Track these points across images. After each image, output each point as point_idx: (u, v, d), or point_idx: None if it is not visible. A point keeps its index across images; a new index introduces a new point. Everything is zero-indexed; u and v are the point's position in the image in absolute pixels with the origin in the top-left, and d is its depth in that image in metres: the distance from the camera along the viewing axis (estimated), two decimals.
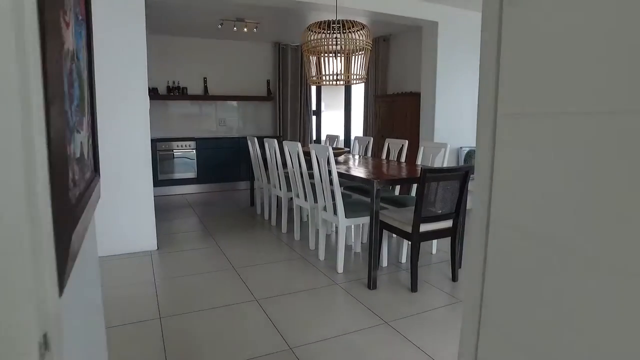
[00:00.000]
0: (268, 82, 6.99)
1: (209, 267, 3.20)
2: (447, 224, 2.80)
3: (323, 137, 7.71)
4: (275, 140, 3.97)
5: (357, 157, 4.29)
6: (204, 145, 6.19)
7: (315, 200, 3.49)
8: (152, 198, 3.54)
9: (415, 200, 3.24)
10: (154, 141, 5.71)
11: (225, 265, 3.22)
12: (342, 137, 7.61)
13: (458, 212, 2.79)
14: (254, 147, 4.64)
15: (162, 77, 6.26)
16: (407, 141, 3.90)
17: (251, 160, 4.91)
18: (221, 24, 5.27)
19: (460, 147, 4.89)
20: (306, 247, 3.67)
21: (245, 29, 5.43)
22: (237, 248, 3.64)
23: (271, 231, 4.19)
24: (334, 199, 2.98)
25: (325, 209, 3.22)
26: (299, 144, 3.40)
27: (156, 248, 3.64)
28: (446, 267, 3.16)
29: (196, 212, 5.03)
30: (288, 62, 6.94)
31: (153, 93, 6.11)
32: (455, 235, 2.84)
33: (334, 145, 5.00)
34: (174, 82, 6.32)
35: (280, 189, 4.09)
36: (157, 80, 6.22)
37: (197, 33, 6.08)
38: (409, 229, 2.67)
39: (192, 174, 6.20)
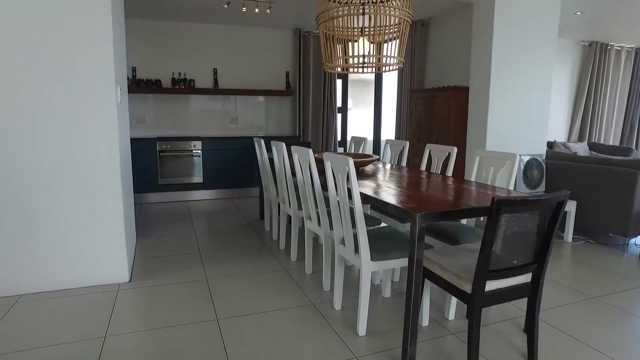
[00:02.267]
0: (287, 74, 6.14)
1: (185, 315, 2.37)
2: (525, 278, 1.87)
3: (349, 139, 6.81)
4: (284, 145, 3.11)
5: (388, 167, 3.37)
6: (212, 146, 5.42)
7: (332, 227, 2.62)
8: (122, 217, 2.75)
9: (475, 236, 2.32)
10: (154, 140, 4.98)
11: (207, 314, 2.38)
12: (370, 139, 6.70)
13: (541, 261, 1.85)
14: (261, 151, 3.81)
15: (166, 67, 5.52)
16: (455, 148, 2.96)
17: (259, 167, 4.08)
18: (227, 3, 4.45)
19: (519, 155, 3.89)
20: (319, 286, 2.80)
21: (256, 9, 4.60)
22: (230, 284, 2.81)
23: (278, 258, 3.34)
24: (354, 225, 2.10)
25: (343, 242, 2.34)
26: (310, 151, 2.53)
27: (128, 279, 2.85)
28: (512, 332, 2.22)
29: (194, 226, 4.24)
30: (310, 51, 6.08)
31: (155, 86, 5.38)
32: (535, 295, 1.90)
33: (361, 150, 4.10)
34: (179, 74, 5.57)
35: (290, 206, 3.24)
36: (160, 71, 5.48)
37: (204, 17, 5.30)
38: (467, 287, 1.75)
39: (197, 179, 5.44)
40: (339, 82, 6.49)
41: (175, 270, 3.05)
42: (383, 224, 2.80)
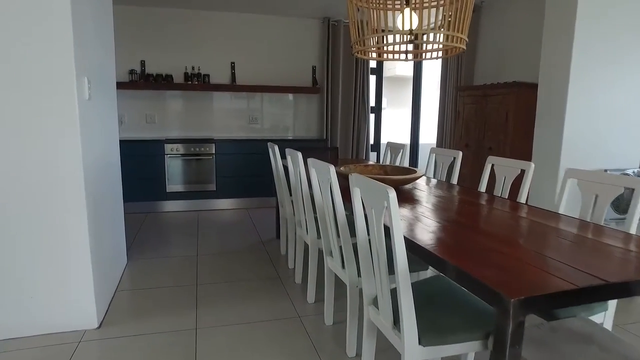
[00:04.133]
0: (314, 69, 5.44)
1: None
2: None
3: (384, 143, 6.04)
4: (299, 155, 2.40)
5: (437, 186, 2.61)
6: (227, 149, 4.79)
7: (359, 273, 1.91)
8: (88, 246, 2.12)
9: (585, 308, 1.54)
10: (162, 142, 4.40)
11: None
12: (404, 143, 5.92)
13: None
14: (275, 159, 3.12)
15: (178, 61, 4.93)
16: (532, 165, 2.17)
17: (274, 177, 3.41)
18: None
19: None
20: (341, 347, 2.08)
21: None
22: (223, 339, 2.13)
23: (291, 297, 2.64)
24: (392, 267, 1.37)
25: (375, 303, 1.61)
26: (332, 170, 1.81)
27: (96, 325, 2.22)
28: None
29: (199, 244, 3.60)
30: (340, 43, 5.35)
31: (166, 81, 4.80)
32: None
33: (399, 160, 3.35)
34: (193, 68, 4.97)
35: (307, 232, 2.54)
36: (171, 65, 4.90)
37: (221, 4, 4.67)
38: None
39: (209, 186, 4.82)
40: (372, 79, 5.74)
41: (160, 312, 2.40)
42: (431, 270, 2.04)
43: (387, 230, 1.42)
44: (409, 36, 1.74)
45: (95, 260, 2.21)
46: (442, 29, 1.75)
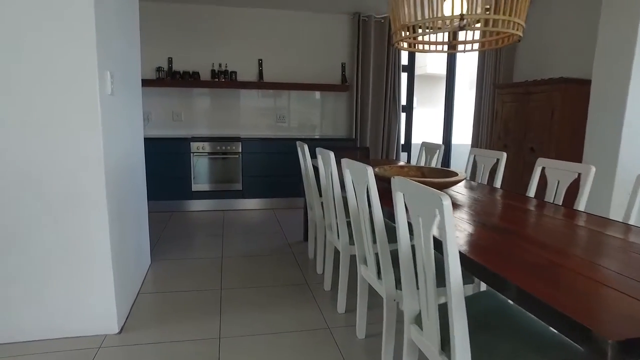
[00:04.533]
0: (343, 66, 5.27)
1: None
2: None
3: (415, 144, 5.82)
4: (332, 155, 2.24)
5: (481, 190, 2.40)
6: (254, 148, 4.67)
7: (398, 285, 1.74)
8: (109, 248, 2.02)
9: None
10: (188, 140, 4.32)
11: None
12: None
13: None
14: (304, 158, 2.97)
15: (205, 58, 4.85)
16: (592, 169, 1.94)
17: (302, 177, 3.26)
18: None
19: None
20: None
21: None
22: (247, 349, 2.00)
23: (320, 305, 2.48)
24: (440, 278, 1.20)
25: (418, 322, 1.43)
26: (370, 172, 1.64)
27: (117, 330, 2.13)
28: None
29: (224, 246, 3.49)
30: (371, 39, 5.16)
31: (193, 79, 4.72)
32: None
33: (435, 161, 3.15)
34: (220, 65, 4.88)
35: (339, 237, 2.37)
36: (199, 62, 4.83)
37: (249, 0, 4.57)
38: None
39: (236, 185, 4.72)
40: (403, 76, 5.52)
41: (183, 318, 2.29)
42: (480, 284, 1.85)
43: (434, 241, 1.24)
44: (458, 22, 1.55)
45: (117, 263, 2.11)
46: (496, 14, 1.54)
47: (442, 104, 6.04)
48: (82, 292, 2.03)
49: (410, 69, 5.67)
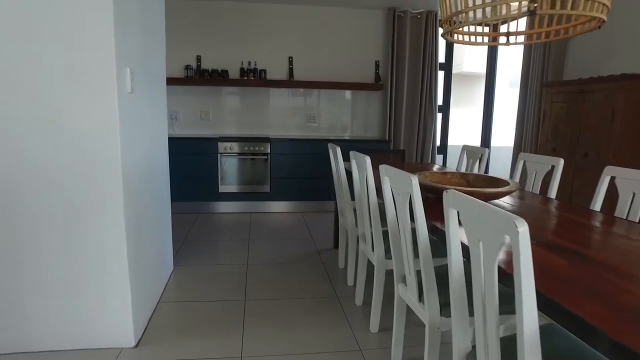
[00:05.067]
0: (376, 64, 5.04)
1: None
2: None
3: (451, 146, 5.52)
4: (368, 160, 2.03)
5: (532, 201, 2.13)
6: (283, 149, 4.51)
7: (444, 311, 1.52)
8: (126, 256, 1.88)
9: None
10: (215, 140, 4.20)
11: None
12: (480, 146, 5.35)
13: None
14: (336, 162, 2.77)
15: (235, 56, 4.72)
16: None
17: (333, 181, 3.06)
18: None
19: None
20: None
21: None
22: None
23: (351, 324, 2.27)
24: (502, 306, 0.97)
25: (473, 357, 1.21)
26: (415, 182, 1.42)
27: (133, 344, 1.98)
28: None
29: (250, 251, 3.33)
30: (406, 36, 4.91)
31: (222, 77, 4.60)
32: None
33: (478, 167, 2.88)
34: (249, 63, 4.74)
35: (373, 250, 2.15)
36: (228, 60, 4.70)
37: None
38: None
39: (263, 187, 4.57)
40: (440, 75, 5.23)
41: (204, 332, 2.13)
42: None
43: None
44: (527, 6, 1.30)
45: (135, 270, 1.97)
46: None
47: (478, 104, 5.71)
48: (96, 302, 1.90)
49: (447, 66, 5.37)
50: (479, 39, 2.00)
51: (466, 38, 1.91)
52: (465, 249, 1.17)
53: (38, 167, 1.74)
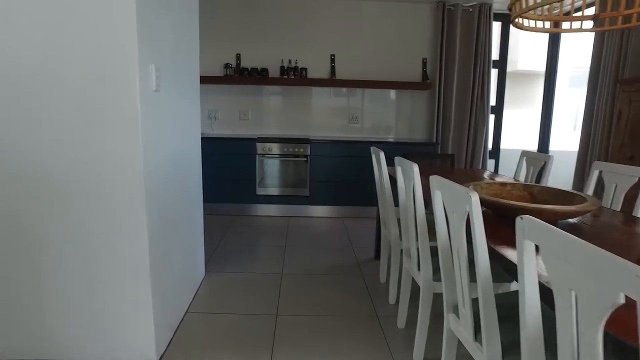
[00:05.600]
0: (424, 62, 4.73)
1: None
2: None
3: (504, 149, 5.11)
4: (415, 168, 1.78)
5: (616, 222, 1.79)
6: (323, 151, 4.31)
7: (507, 356, 1.25)
8: (148, 266, 1.74)
9: None
10: (254, 140, 4.08)
11: None
12: (530, 152, 4.93)
13: None
14: (379, 167, 2.53)
15: (275, 54, 4.57)
16: None
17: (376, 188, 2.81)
18: None
19: None
20: None
21: None
22: None
23: (392, 351, 2.02)
24: None
25: None
26: (475, 199, 1.16)
27: (155, 359, 1.85)
28: None
29: (285, 259, 3.15)
30: (457, 31, 4.57)
31: (261, 76, 4.47)
32: None
33: (543, 177, 2.54)
34: (290, 62, 4.58)
35: (420, 269, 1.90)
36: (268, 58, 4.57)
37: None
38: None
39: (302, 191, 4.39)
40: (493, 73, 4.84)
41: (230, 350, 1.96)
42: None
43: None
44: None
45: (158, 280, 1.83)
46: None
47: (534, 104, 5.25)
48: (115, 314, 1.78)
49: (501, 64, 4.97)
50: (547, 24, 1.70)
51: (532, 24, 1.62)
52: (544, 287, 0.91)
53: (54, 169, 1.64)
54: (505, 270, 1.26)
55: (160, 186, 1.85)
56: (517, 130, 6.31)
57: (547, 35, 4.63)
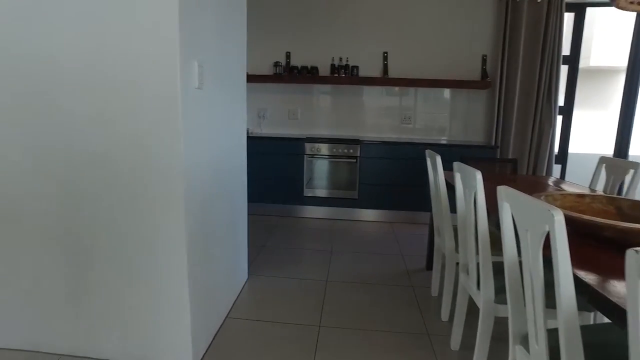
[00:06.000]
0: (484, 58, 4.42)
1: None
2: None
3: (572, 154, 4.67)
4: (478, 176, 1.57)
5: None
6: (374, 152, 4.14)
7: None
8: (186, 270, 1.67)
9: None
10: (302, 140, 3.99)
11: None
12: (606, 156, 4.45)
13: None
14: (435, 173, 2.33)
15: (325, 52, 4.46)
16: None
17: (430, 195, 2.61)
18: None
19: None
20: None
21: None
22: None
23: None
24: None
25: None
26: (558, 216, 0.96)
27: None
28: None
29: (331, 265, 3.02)
30: (522, 25, 4.22)
31: (311, 74, 4.37)
32: None
33: (626, 189, 2.22)
34: (340, 60, 4.44)
35: (480, 289, 1.69)
36: (318, 56, 4.46)
37: None
38: None
39: (351, 193, 4.24)
40: (563, 70, 4.43)
41: (268, 359, 1.85)
42: None
43: None
44: None
45: (197, 284, 1.76)
46: None
47: (609, 104, 4.75)
48: (154, 315, 1.72)
49: (573, 60, 4.54)
50: None
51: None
52: None
53: (96, 174, 1.60)
54: (590, 302, 1.05)
55: (201, 188, 1.78)
56: (589, 133, 5.78)
57: (631, 27, 4.16)
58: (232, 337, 2.06)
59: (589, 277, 1.06)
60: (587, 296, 1.05)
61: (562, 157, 4.66)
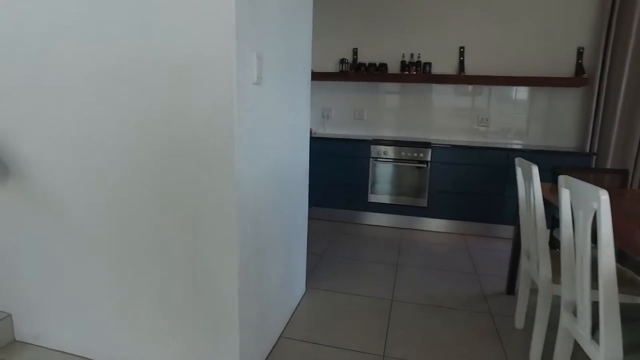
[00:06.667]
0: (580, 52, 3.86)
1: None
2: None
3: None
4: (604, 196, 1.20)
5: None
6: (446, 157, 3.76)
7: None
8: (236, 285, 1.47)
9: None
10: (368, 142, 3.73)
11: None
12: None
13: None
14: (529, 184, 1.96)
15: (395, 47, 4.15)
16: None
17: (518, 207, 2.23)
18: None
19: None
20: None
21: None
22: None
23: None
24: None
25: None
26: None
27: None
28: None
29: (396, 281, 2.72)
30: (635, 12, 3.61)
31: (379, 72, 4.08)
32: None
33: None
34: (411, 56, 4.10)
35: (593, 338, 1.32)
36: (387, 52, 4.16)
37: None
38: None
39: (420, 201, 3.90)
40: None
41: None
42: None
43: None
44: None
45: (249, 302, 1.57)
46: None
47: None
48: (200, 336, 1.55)
49: None
50: None
51: None
52: None
53: (133, 170, 1.45)
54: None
55: (257, 194, 1.58)
56: None
57: None
58: (286, 352, 1.85)
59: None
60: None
61: None
